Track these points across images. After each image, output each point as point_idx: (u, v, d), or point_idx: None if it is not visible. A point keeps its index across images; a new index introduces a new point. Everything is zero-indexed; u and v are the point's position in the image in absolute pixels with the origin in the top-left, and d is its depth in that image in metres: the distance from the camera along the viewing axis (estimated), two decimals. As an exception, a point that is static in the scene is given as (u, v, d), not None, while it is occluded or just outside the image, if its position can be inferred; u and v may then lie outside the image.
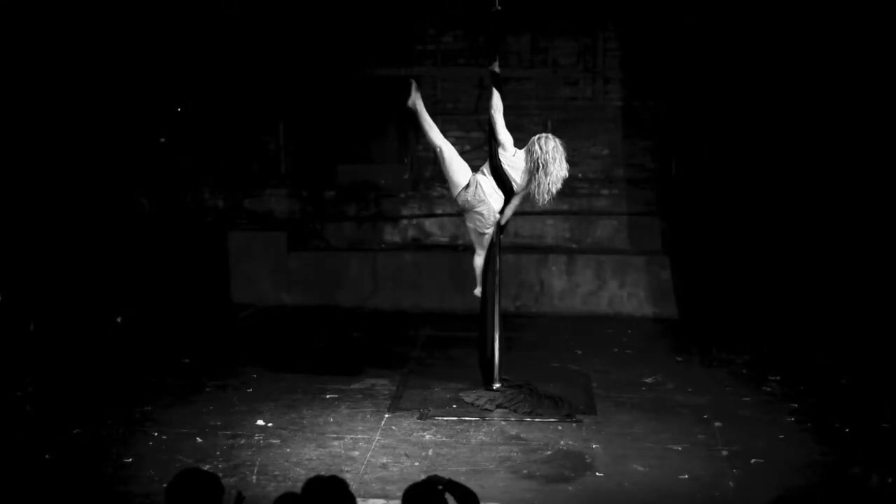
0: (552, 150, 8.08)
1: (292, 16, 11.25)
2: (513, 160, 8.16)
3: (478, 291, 8.50)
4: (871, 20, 10.17)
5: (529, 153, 8.14)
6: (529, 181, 8.14)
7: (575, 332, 10.47)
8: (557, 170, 8.09)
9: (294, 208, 11.78)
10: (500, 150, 8.14)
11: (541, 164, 8.06)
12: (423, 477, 5.27)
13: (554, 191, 8.15)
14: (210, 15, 11.10)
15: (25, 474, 6.89)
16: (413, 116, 8.41)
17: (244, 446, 7.39)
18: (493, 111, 8.10)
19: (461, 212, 8.35)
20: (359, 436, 7.61)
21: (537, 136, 8.20)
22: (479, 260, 8.43)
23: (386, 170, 11.70)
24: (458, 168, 8.26)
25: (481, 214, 8.18)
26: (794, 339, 9.81)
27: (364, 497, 6.42)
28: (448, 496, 4.77)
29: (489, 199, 8.16)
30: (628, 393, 8.54)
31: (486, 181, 8.18)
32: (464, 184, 8.18)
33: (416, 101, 8.28)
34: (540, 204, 8.28)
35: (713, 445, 7.44)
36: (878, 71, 10.29)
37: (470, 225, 8.32)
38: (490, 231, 8.27)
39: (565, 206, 11.51)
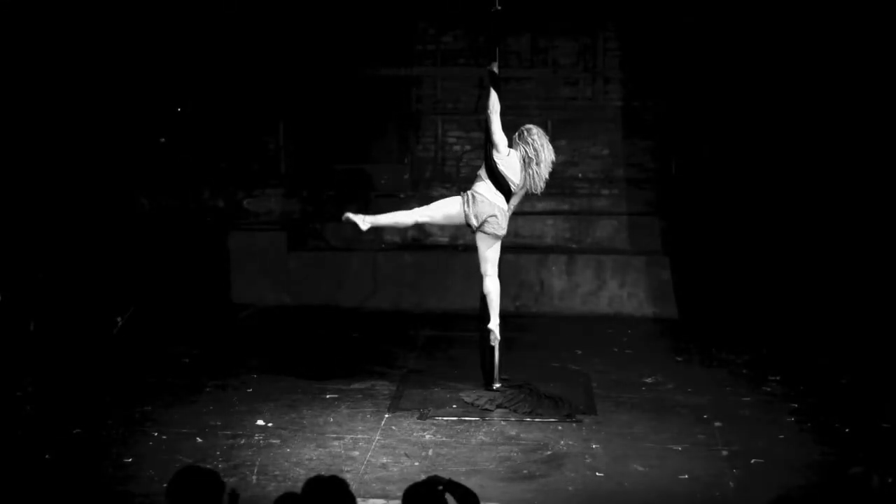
0: (538, 137, 8.13)
1: (292, 16, 11.25)
2: (507, 160, 8.14)
3: (494, 325, 8.25)
4: (871, 20, 10.18)
5: (518, 149, 8.13)
6: (526, 177, 8.14)
7: (575, 332, 10.46)
8: (547, 155, 8.13)
9: (294, 208, 11.77)
10: (494, 152, 8.12)
11: (532, 157, 8.08)
12: (423, 477, 5.27)
13: (546, 175, 8.18)
14: (210, 15, 11.10)
15: (25, 474, 6.89)
16: (379, 225, 8.37)
17: (244, 446, 7.39)
18: (489, 111, 8.08)
19: (476, 230, 8.18)
20: (359, 436, 7.60)
21: (517, 132, 8.19)
22: (492, 284, 8.25)
23: (386, 170, 11.71)
24: (445, 207, 8.23)
25: (495, 216, 8.11)
26: (794, 339, 9.81)
27: (364, 497, 6.42)
28: (448, 496, 4.77)
29: (493, 199, 8.14)
30: (628, 393, 8.53)
31: (483, 185, 8.15)
32: (461, 206, 8.15)
33: (366, 220, 8.19)
34: (538, 192, 8.28)
35: (713, 445, 7.43)
36: (878, 71, 10.29)
37: (489, 231, 8.12)
38: (504, 232, 8.23)
39: (565, 206, 11.52)
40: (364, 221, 8.20)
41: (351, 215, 8.22)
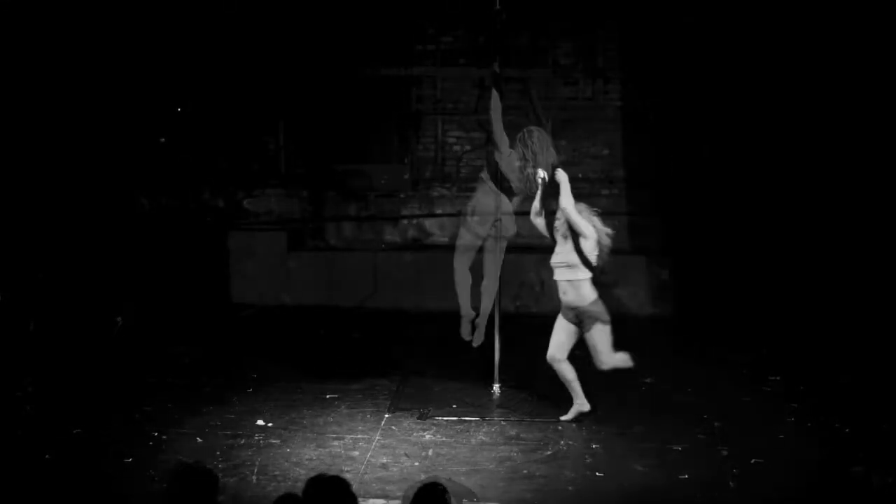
0: (537, 141, 8.09)
1: (292, 16, 11.25)
2: (508, 161, 8.13)
3: (480, 325, 8.37)
4: (871, 20, 10.17)
5: (518, 151, 8.13)
6: (522, 179, 8.13)
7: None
8: (546, 158, 8.09)
9: (294, 208, 11.78)
10: (496, 153, 8.11)
11: (528, 160, 8.07)
12: (423, 477, 5.27)
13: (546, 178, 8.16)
14: (210, 15, 11.10)
15: (25, 474, 6.89)
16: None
17: (244, 446, 7.39)
18: (491, 111, 8.09)
19: (486, 236, 8.21)
20: (359, 436, 7.61)
21: (519, 134, 8.17)
22: (490, 285, 8.30)
23: (386, 170, 11.71)
24: (464, 243, 8.29)
25: (499, 220, 8.12)
26: (794, 339, 9.81)
27: (364, 497, 6.41)
28: (448, 496, 4.77)
29: (492, 199, 8.13)
30: (628, 393, 8.53)
31: (482, 188, 8.16)
32: (464, 228, 8.16)
33: (478, 326, 8.36)
34: (534, 195, 8.26)
35: (713, 445, 7.44)
36: (877, 71, 10.29)
37: (496, 234, 8.17)
38: (511, 233, 8.23)
39: (565, 206, 11.50)
40: (478, 334, 8.40)
41: (474, 343, 8.43)
